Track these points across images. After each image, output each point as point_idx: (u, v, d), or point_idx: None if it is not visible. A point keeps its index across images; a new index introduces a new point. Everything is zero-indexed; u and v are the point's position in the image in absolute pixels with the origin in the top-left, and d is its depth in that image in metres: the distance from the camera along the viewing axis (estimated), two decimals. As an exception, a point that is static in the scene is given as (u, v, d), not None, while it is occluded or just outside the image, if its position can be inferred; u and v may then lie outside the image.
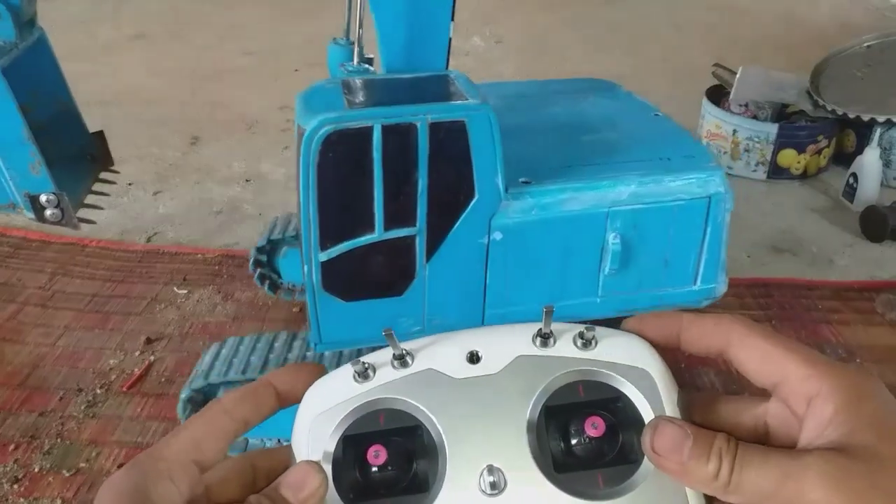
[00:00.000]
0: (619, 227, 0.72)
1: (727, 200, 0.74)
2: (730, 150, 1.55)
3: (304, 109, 0.65)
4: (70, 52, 2.27)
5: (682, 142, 0.81)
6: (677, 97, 1.94)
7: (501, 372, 0.31)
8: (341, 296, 0.71)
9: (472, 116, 0.66)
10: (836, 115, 1.47)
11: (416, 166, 0.66)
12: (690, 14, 2.81)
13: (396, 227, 0.68)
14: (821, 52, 1.65)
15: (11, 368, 0.99)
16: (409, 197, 0.67)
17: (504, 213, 0.70)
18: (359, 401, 0.30)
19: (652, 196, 0.72)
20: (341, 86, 0.71)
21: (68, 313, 1.09)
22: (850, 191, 1.43)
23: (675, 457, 0.27)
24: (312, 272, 0.69)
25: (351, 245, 0.68)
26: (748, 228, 1.37)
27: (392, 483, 0.29)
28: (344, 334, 0.74)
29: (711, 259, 0.76)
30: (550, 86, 1.01)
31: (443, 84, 0.72)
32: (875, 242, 1.31)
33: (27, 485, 0.82)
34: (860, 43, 1.61)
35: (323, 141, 0.63)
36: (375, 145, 0.64)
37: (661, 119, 0.88)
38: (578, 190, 0.72)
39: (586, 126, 0.85)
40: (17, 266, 1.21)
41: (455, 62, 2.02)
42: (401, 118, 0.64)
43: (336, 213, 0.67)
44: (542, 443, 0.29)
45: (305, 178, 0.64)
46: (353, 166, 0.65)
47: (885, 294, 1.16)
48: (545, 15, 2.79)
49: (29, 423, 0.90)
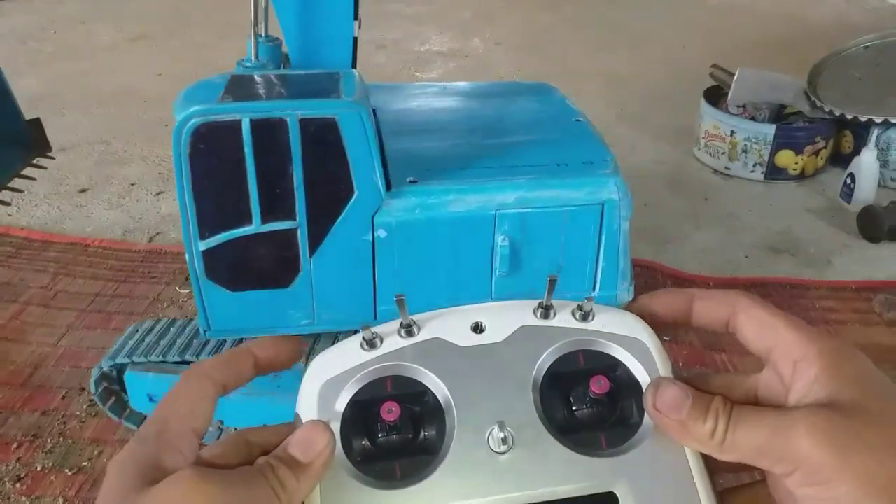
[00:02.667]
0: (508, 229, 0.73)
1: (623, 208, 0.73)
2: (728, 151, 1.56)
3: (180, 102, 0.67)
4: (71, 52, 2.29)
5: (587, 147, 0.80)
6: (676, 97, 1.95)
7: (505, 341, 0.32)
8: (226, 285, 0.72)
9: (343, 114, 0.67)
10: (834, 115, 1.47)
11: (291, 161, 0.67)
12: (690, 14, 2.82)
13: (275, 221, 0.69)
14: (819, 52, 1.66)
15: (14, 368, 0.99)
16: (286, 191, 0.68)
17: (387, 211, 0.71)
18: (366, 367, 0.31)
19: (540, 200, 0.72)
20: (227, 81, 0.72)
21: (71, 313, 1.10)
22: (848, 191, 1.43)
23: (674, 415, 0.29)
24: (194, 261, 0.71)
25: (229, 236, 0.69)
26: (746, 229, 1.37)
27: (400, 446, 0.30)
28: (233, 323, 0.76)
29: (609, 267, 0.76)
30: (486, 89, 1.01)
31: (328, 81, 0.73)
32: (872, 243, 1.32)
33: (29, 483, 0.83)
34: (858, 44, 1.62)
35: (192, 133, 0.65)
36: (245, 139, 0.66)
37: (578, 124, 0.87)
38: (464, 191, 0.72)
39: (497, 129, 0.85)
40: (20, 266, 1.21)
41: (455, 63, 2.03)
42: (269, 113, 0.66)
43: (212, 204, 0.69)
44: (547, 405, 0.31)
45: (178, 168, 0.66)
46: (226, 159, 0.67)
47: (883, 294, 1.17)
48: (545, 15, 2.80)
49: (31, 423, 0.91)
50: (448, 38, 2.51)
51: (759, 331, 0.30)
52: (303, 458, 0.28)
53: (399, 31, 2.59)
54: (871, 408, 0.26)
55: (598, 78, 2.15)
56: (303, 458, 0.28)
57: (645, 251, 1.28)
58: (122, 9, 2.75)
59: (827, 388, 0.27)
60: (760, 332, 0.30)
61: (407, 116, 0.90)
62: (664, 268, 1.22)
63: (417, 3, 2.94)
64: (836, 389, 0.27)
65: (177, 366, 0.81)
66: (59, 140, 1.68)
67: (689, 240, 1.33)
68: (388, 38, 2.51)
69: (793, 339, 0.29)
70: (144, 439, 0.27)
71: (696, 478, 0.30)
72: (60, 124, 1.75)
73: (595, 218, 0.73)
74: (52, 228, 1.34)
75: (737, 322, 0.31)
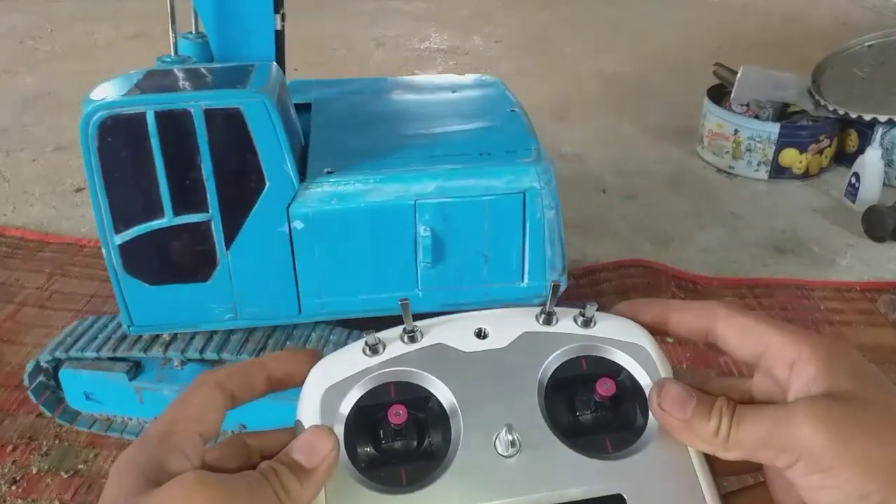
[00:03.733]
0: (429, 219, 0.72)
1: (546, 196, 0.72)
2: (731, 150, 1.55)
3: (89, 96, 0.67)
4: (69, 52, 2.27)
5: (514, 137, 0.80)
6: (678, 96, 1.95)
7: (509, 346, 0.32)
8: (145, 279, 0.73)
9: (247, 104, 0.67)
10: (838, 114, 1.46)
11: (199, 153, 0.68)
12: (691, 13, 2.81)
13: (187, 213, 0.70)
14: (820, 51, 1.65)
15: (10, 369, 0.98)
16: (196, 183, 0.69)
17: (302, 202, 0.71)
18: (369, 373, 0.31)
19: (459, 190, 0.72)
20: (141, 76, 0.73)
21: (67, 314, 1.09)
22: (852, 190, 1.42)
23: (679, 414, 0.29)
24: (111, 255, 0.71)
25: (143, 229, 0.70)
26: (749, 228, 1.36)
27: (406, 451, 0.30)
28: (156, 318, 0.76)
29: (535, 256, 0.75)
30: (429, 82, 1.01)
31: (239, 74, 0.73)
32: (877, 242, 1.31)
33: (25, 486, 0.82)
34: (862, 42, 1.61)
35: (98, 126, 0.65)
36: (151, 131, 0.66)
37: (512, 115, 0.86)
38: (381, 181, 0.71)
39: (427, 120, 0.85)
40: (15, 266, 1.20)
41: (455, 61, 2.03)
42: (174, 104, 0.66)
43: (124, 197, 0.69)
44: (552, 409, 0.31)
45: (87, 161, 0.67)
46: (134, 151, 0.67)
47: (888, 294, 1.16)
48: (545, 13, 2.79)
49: (27, 425, 0.90)
50: (448, 36, 2.50)
51: (743, 338, 0.31)
52: (306, 463, 0.27)
53: (398, 28, 2.58)
54: (866, 396, 0.27)
55: (599, 77, 2.14)
56: (306, 463, 0.27)
57: (647, 251, 1.27)
58: (120, 8, 2.74)
59: (824, 383, 0.28)
60: (746, 338, 0.31)
61: (342, 110, 0.90)
62: (667, 268, 1.21)
63: (416, 0, 2.93)
64: (833, 382, 0.28)
65: (111, 362, 0.80)
66: (56, 139, 1.67)
67: (693, 239, 1.32)
68: (387, 35, 2.50)
69: (783, 342, 0.29)
70: (149, 440, 0.27)
71: (700, 479, 0.30)
72: (57, 123, 1.74)
73: (517, 207, 0.73)
74: (48, 228, 1.32)
75: (717, 332, 0.32)
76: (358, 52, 2.34)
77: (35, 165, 1.56)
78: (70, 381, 0.83)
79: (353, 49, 2.35)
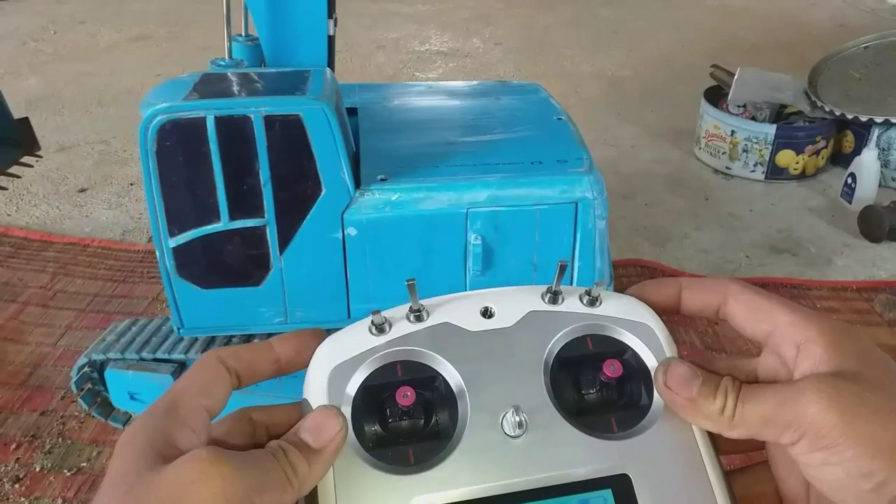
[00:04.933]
0: (480, 227, 0.72)
1: (598, 206, 0.73)
2: (728, 151, 1.56)
3: (147, 99, 0.67)
4: (72, 53, 2.28)
5: (564, 146, 0.80)
6: (676, 97, 1.95)
7: (515, 325, 0.32)
8: (198, 283, 0.72)
9: (308, 111, 0.67)
10: (834, 115, 1.47)
11: (257, 158, 0.67)
12: (689, 14, 2.82)
13: (243, 218, 0.69)
14: (817, 53, 1.66)
15: (13, 368, 0.99)
16: (253, 188, 0.68)
17: (357, 208, 0.71)
18: (376, 353, 0.31)
19: (512, 199, 0.72)
20: (197, 79, 0.72)
21: (70, 313, 1.10)
22: (849, 191, 1.43)
23: (685, 392, 0.29)
24: (165, 258, 0.70)
25: (199, 233, 0.69)
26: (746, 229, 1.37)
27: (413, 431, 0.30)
28: (206, 321, 0.76)
29: (586, 266, 0.75)
30: (471, 88, 1.01)
31: (297, 79, 0.73)
32: (873, 242, 1.32)
33: (28, 484, 0.82)
34: (858, 44, 1.62)
35: (157, 130, 0.65)
36: (210, 136, 0.66)
37: (559, 123, 0.86)
38: (434, 189, 0.72)
39: (475, 127, 0.85)
40: (19, 266, 1.21)
41: (455, 63, 2.04)
42: (234, 110, 0.66)
43: (180, 201, 0.69)
44: (558, 388, 0.31)
45: (146, 165, 0.66)
46: (192, 155, 0.67)
47: (884, 294, 1.17)
48: (545, 15, 2.80)
49: (30, 423, 0.90)
50: (448, 38, 2.51)
51: (753, 315, 0.31)
52: (314, 444, 0.27)
53: (398, 30, 2.59)
54: (873, 376, 0.27)
55: (598, 78, 2.15)
56: (314, 444, 0.27)
57: (645, 251, 1.28)
58: (123, 9, 2.75)
59: (832, 363, 0.28)
60: (755, 316, 0.31)
61: (388, 115, 0.90)
62: (665, 267, 1.22)
63: (416, 2, 2.94)
64: (840, 362, 0.28)
65: (156, 363, 0.81)
66: (59, 140, 1.68)
67: (690, 239, 1.33)
68: (388, 37, 2.51)
69: (791, 322, 0.30)
70: (155, 414, 0.27)
71: (705, 458, 0.30)
72: (60, 124, 1.75)
73: (569, 216, 0.73)
74: (51, 228, 1.33)
75: (728, 309, 0.32)
76: (359, 53, 2.35)
77: (38, 166, 1.57)
78: (115, 381, 0.83)
79: (354, 51, 2.36)
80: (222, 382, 0.29)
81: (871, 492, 0.26)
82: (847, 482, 0.26)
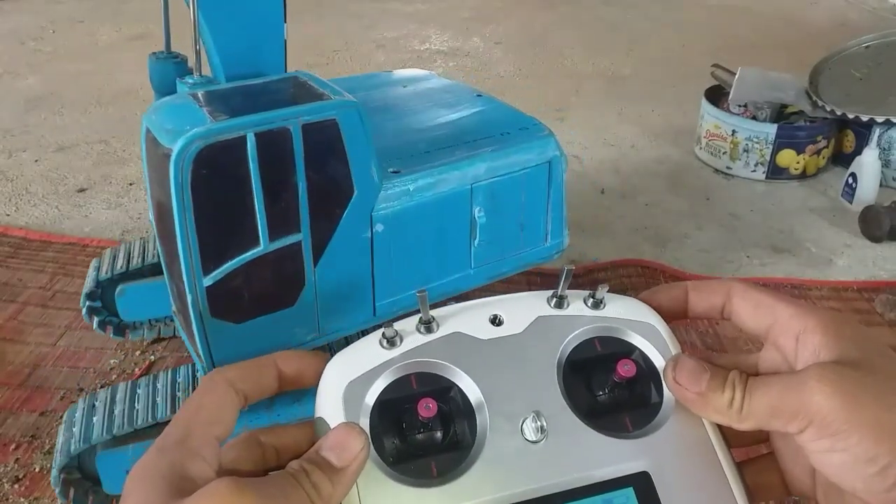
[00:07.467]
0: (482, 200, 0.77)
1: (563, 162, 0.81)
2: (729, 151, 1.56)
3: (163, 130, 0.61)
4: (70, 53, 2.28)
5: (513, 117, 0.87)
6: (676, 97, 1.95)
7: (525, 331, 0.33)
8: (232, 318, 0.67)
9: (344, 114, 0.66)
10: (835, 115, 1.47)
11: (294, 170, 0.64)
12: (689, 14, 2.82)
13: (282, 236, 0.66)
14: (818, 52, 1.66)
15: (12, 368, 0.99)
16: (290, 203, 0.65)
17: (382, 204, 0.71)
18: (389, 366, 0.31)
19: (504, 168, 0.77)
20: (192, 100, 0.67)
21: (69, 313, 1.09)
22: (850, 191, 1.43)
23: (694, 387, 0.30)
24: (198, 300, 0.64)
25: (237, 263, 0.64)
26: (747, 228, 1.37)
27: (433, 443, 0.30)
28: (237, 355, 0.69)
29: (556, 216, 0.83)
30: (373, 79, 1.03)
31: (299, 85, 0.72)
32: (874, 242, 1.32)
33: (28, 484, 0.82)
34: (859, 43, 1.61)
35: (194, 159, 0.59)
36: (251, 155, 0.61)
37: (485, 99, 0.92)
38: (444, 171, 0.74)
39: (421, 112, 0.88)
40: (18, 266, 1.21)
41: (455, 63, 2.04)
42: (273, 124, 0.62)
43: (217, 232, 0.63)
44: (572, 391, 0.32)
45: (180, 201, 0.59)
46: (230, 180, 0.62)
47: (885, 294, 1.16)
48: (544, 14, 2.80)
49: (30, 423, 0.90)
50: (448, 38, 2.51)
51: (755, 311, 0.32)
52: (338, 462, 0.27)
53: (398, 29, 2.59)
54: (873, 363, 0.28)
55: (598, 77, 2.15)
56: (338, 462, 0.27)
57: (646, 251, 1.28)
58: (122, 8, 2.75)
59: (832, 351, 0.29)
60: (756, 312, 0.32)
61: None
62: (665, 268, 1.22)
63: (416, 1, 2.94)
64: (840, 351, 0.28)
65: (150, 430, 0.73)
66: (58, 140, 1.68)
67: (690, 239, 1.33)
68: (388, 36, 2.51)
69: (790, 315, 0.30)
70: (166, 449, 0.26)
71: (718, 451, 0.31)
72: (59, 124, 1.75)
73: (545, 175, 0.80)
74: (51, 228, 1.33)
75: (732, 306, 0.33)
76: (358, 53, 2.35)
77: (37, 166, 1.57)
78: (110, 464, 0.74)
79: (354, 50, 2.36)
80: (231, 407, 0.29)
81: (876, 475, 0.26)
82: (853, 467, 0.27)
